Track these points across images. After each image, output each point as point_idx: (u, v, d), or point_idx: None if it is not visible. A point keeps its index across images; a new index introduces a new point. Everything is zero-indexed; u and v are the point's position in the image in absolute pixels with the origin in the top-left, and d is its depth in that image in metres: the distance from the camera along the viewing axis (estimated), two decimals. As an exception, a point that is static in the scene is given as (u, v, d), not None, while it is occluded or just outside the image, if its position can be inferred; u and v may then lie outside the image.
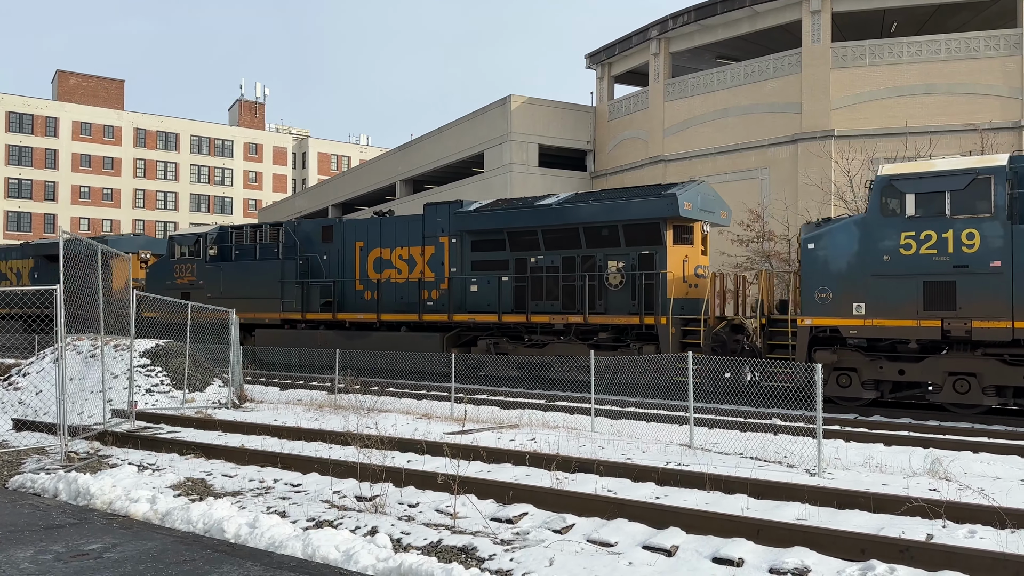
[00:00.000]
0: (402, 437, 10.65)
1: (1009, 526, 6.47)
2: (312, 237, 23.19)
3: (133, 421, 12.84)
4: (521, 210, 19.55)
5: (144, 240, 31.19)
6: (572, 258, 18.75)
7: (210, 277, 24.23)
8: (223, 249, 24.57)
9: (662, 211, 17.40)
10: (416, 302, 20.74)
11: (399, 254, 21.68)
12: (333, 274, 22.49)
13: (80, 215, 77.59)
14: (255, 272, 23.43)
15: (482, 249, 20.24)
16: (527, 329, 19.32)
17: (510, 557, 6.04)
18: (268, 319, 23.18)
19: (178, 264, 25.24)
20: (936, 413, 14.12)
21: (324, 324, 22.40)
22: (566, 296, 18.66)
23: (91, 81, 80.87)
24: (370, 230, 22.39)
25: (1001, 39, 27.16)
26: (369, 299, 21.79)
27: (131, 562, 5.78)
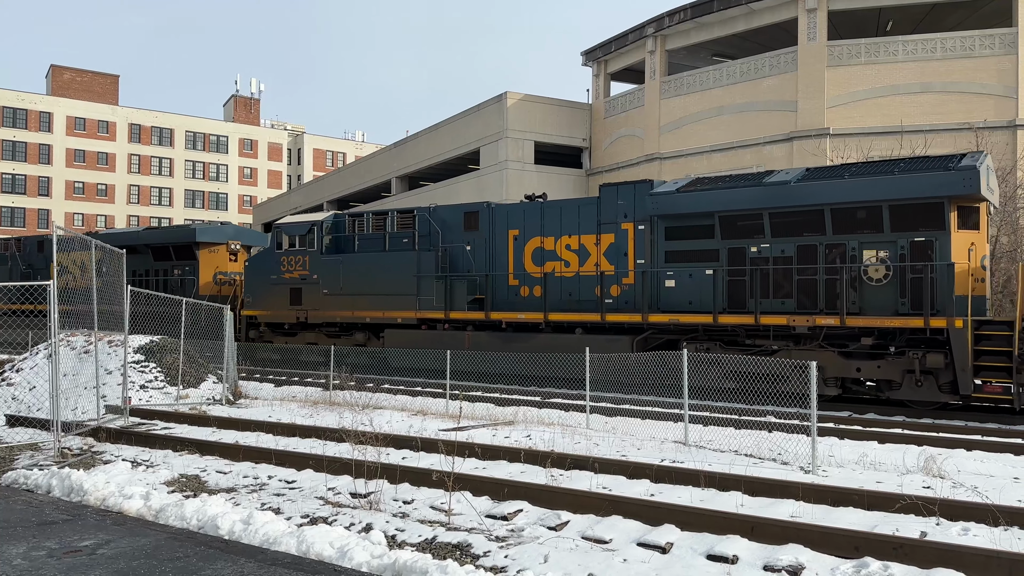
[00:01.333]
0: (397, 434, 10.63)
1: (1002, 523, 6.48)
2: (451, 225, 20.40)
3: (127, 417, 12.81)
4: (742, 189, 16.03)
5: (233, 230, 28.70)
6: (811, 247, 15.34)
7: (327, 271, 21.61)
8: (341, 239, 22.07)
9: (950, 188, 14.03)
10: (593, 299, 17.90)
11: (566, 244, 18.69)
12: (480, 267, 19.77)
13: (74, 211, 77.33)
14: (384, 265, 20.70)
15: (681, 237, 16.96)
16: (749, 332, 15.94)
17: (505, 554, 6.04)
18: (401, 318, 20.35)
19: (286, 256, 22.47)
20: (930, 412, 14.17)
21: (473, 324, 19.55)
22: (802, 293, 15.37)
23: (85, 76, 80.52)
24: (527, 217, 19.45)
25: (996, 38, 27.22)
26: (527, 296, 19.12)
27: (125, 558, 5.77)
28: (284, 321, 22.61)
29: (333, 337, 21.72)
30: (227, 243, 27.36)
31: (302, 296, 21.93)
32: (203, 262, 26.69)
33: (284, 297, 22.27)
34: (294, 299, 22.08)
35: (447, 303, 19.74)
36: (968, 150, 18.99)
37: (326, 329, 22.02)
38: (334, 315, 21.41)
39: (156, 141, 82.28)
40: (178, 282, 26.59)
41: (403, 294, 20.24)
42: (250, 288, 23.51)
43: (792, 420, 12.16)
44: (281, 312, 22.48)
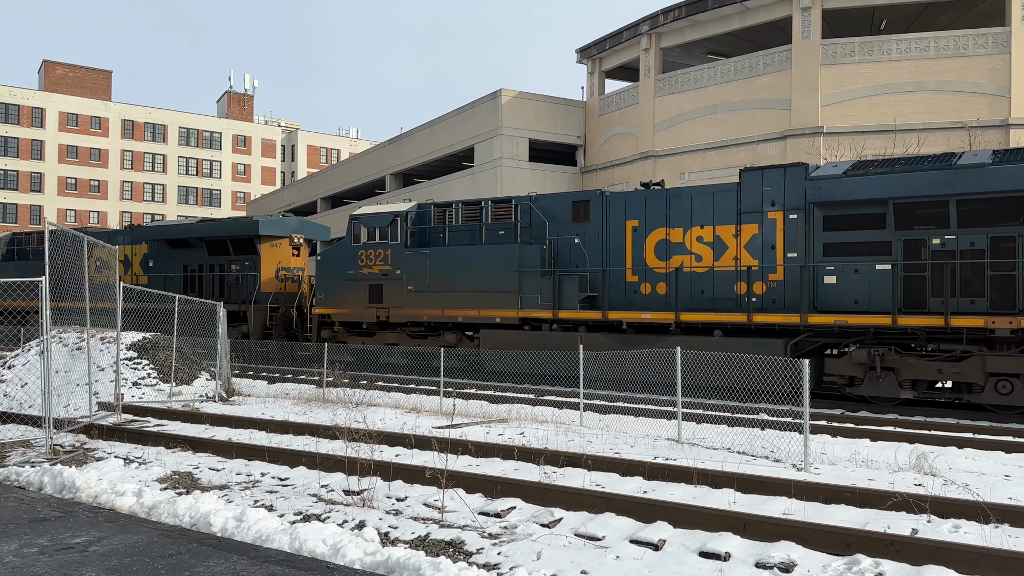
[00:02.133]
0: (390, 431, 10.62)
1: (993, 521, 6.52)
2: (557, 216, 18.65)
3: (119, 414, 12.77)
4: (925, 172, 14.17)
5: (296, 222, 26.52)
6: (1008, 238, 13.57)
7: (413, 266, 19.90)
8: (426, 231, 20.36)
9: None
10: (730, 298, 16.17)
11: (697, 235, 16.82)
12: (590, 262, 18.02)
13: (67, 207, 77.03)
14: (480, 259, 18.97)
15: (844, 227, 15.03)
16: (932, 336, 14.10)
17: (498, 551, 6.05)
18: (500, 317, 18.56)
19: (364, 250, 20.67)
20: (921, 409, 14.23)
21: (586, 325, 17.71)
22: (996, 291, 13.67)
23: (78, 72, 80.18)
24: (650, 206, 17.50)
25: (989, 37, 27.31)
26: (648, 294, 17.36)
27: (117, 555, 5.75)
28: (362, 320, 20.95)
29: (418, 338, 20.26)
30: (290, 236, 25.56)
31: (383, 293, 20.30)
32: (265, 257, 24.96)
33: (362, 294, 20.68)
34: (374, 296, 20.53)
35: (556, 301, 17.92)
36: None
37: (410, 329, 20.43)
38: (420, 314, 19.78)
39: (149, 137, 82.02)
40: (235, 278, 25.06)
41: (502, 291, 18.50)
42: (323, 285, 21.69)
43: (785, 418, 12.20)
44: (358, 310, 20.87)
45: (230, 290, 24.87)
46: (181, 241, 26.32)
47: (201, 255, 26.15)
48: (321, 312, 21.87)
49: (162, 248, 26.96)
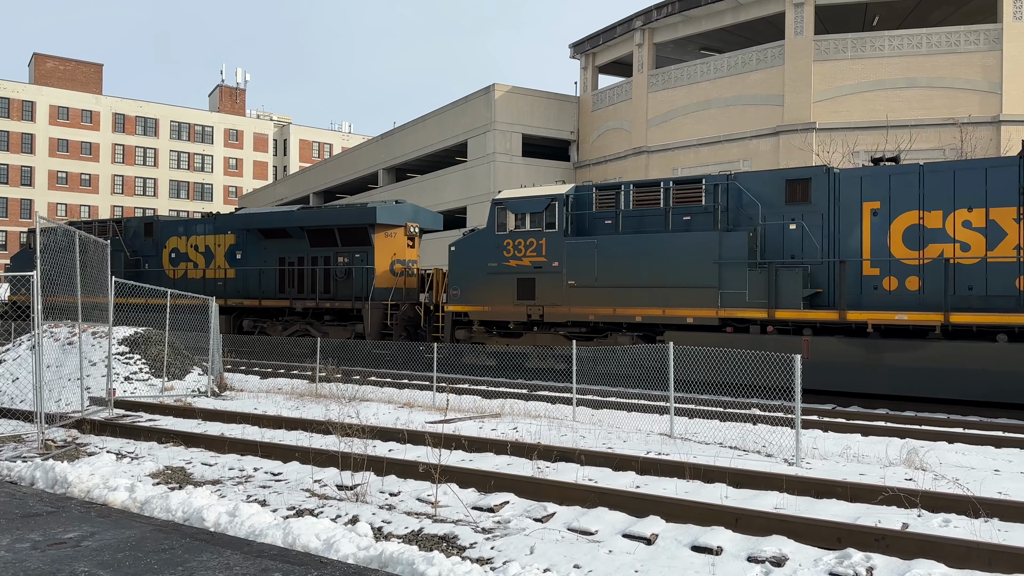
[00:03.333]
0: (384, 426, 10.63)
1: (983, 515, 6.57)
2: (765, 197, 15.84)
3: (111, 409, 12.73)
4: None
5: (411, 210, 23.76)
6: None
7: (575, 257, 17.23)
8: (588, 217, 17.68)
9: None
10: (1010, 295, 13.78)
11: (963, 220, 14.24)
12: (809, 251, 15.42)
13: (57, 200, 76.64)
14: (666, 249, 16.32)
15: None
16: None
17: (491, 545, 6.07)
18: (692, 317, 16.01)
19: (511, 240, 18.09)
20: (913, 404, 14.30)
21: (813, 327, 15.01)
22: None
23: (69, 65, 79.71)
24: (895, 184, 14.94)
25: (981, 34, 27.41)
26: (893, 290, 14.75)
27: (109, 550, 5.75)
28: (508, 319, 18.49)
29: (580, 340, 17.20)
30: (405, 225, 23.03)
31: (535, 288, 17.81)
32: (379, 248, 22.41)
33: (508, 290, 18.22)
34: (523, 292, 18.03)
35: (771, 298, 15.10)
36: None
37: (568, 329, 17.81)
38: (584, 312, 17.20)
39: (140, 131, 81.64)
40: (344, 272, 22.57)
41: (695, 286, 15.89)
42: (458, 279, 19.23)
43: (776, 413, 12.25)
44: (503, 308, 18.38)
45: (337, 285, 22.64)
46: (278, 231, 23.73)
47: (301, 246, 23.41)
48: (456, 310, 19.48)
49: (253, 238, 24.33)
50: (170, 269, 25.74)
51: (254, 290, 24.06)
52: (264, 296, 23.77)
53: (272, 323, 23.70)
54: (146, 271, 25.72)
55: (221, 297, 23.14)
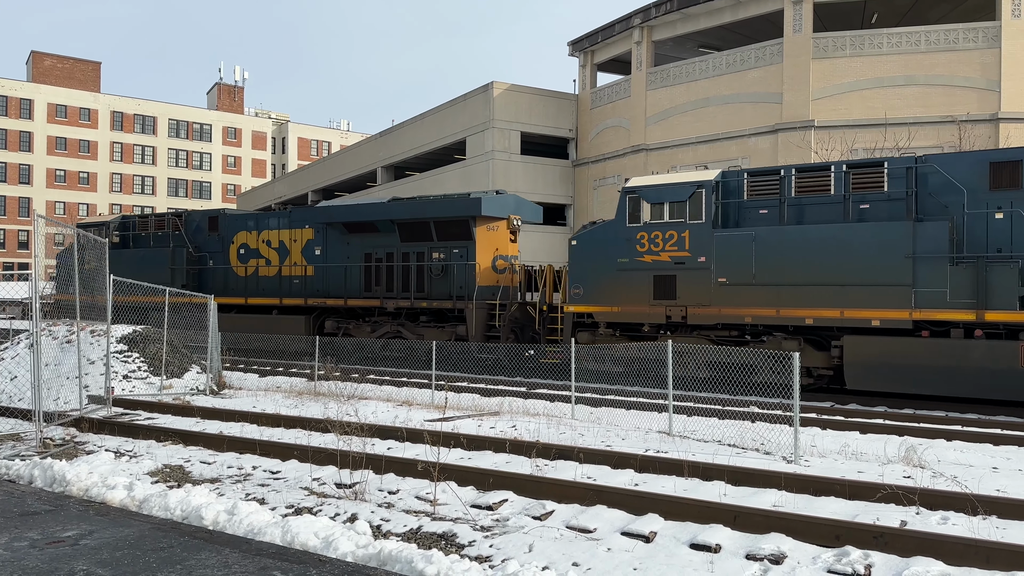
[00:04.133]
0: (382, 424, 10.63)
1: (981, 512, 6.58)
2: (962, 182, 13.87)
3: (110, 407, 12.72)
4: None
5: (514, 201, 21.81)
6: None
7: (727, 251, 15.37)
8: (738, 207, 15.87)
9: None
10: None
11: None
12: (1019, 243, 13.54)
13: (55, 199, 76.56)
14: (843, 242, 14.46)
15: None
16: None
17: (490, 543, 6.07)
18: (878, 320, 14.20)
19: (647, 232, 16.19)
20: (912, 402, 14.32)
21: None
22: None
23: (67, 63, 79.60)
24: None
25: (979, 31, 27.40)
26: None
27: (108, 549, 5.74)
28: (642, 321, 16.63)
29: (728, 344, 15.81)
30: (508, 218, 21.03)
31: (676, 287, 15.97)
32: (481, 242, 20.46)
33: (643, 288, 16.36)
34: (662, 291, 16.25)
35: (979, 298, 13.31)
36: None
37: (715, 333, 16.03)
38: (738, 314, 15.34)
39: (139, 129, 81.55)
40: (440, 269, 20.65)
41: (881, 284, 14.11)
42: (580, 275, 17.41)
43: (775, 411, 12.26)
44: (636, 308, 16.52)
45: (431, 284, 20.81)
46: (365, 224, 21.77)
47: (391, 241, 21.49)
48: (578, 311, 17.58)
49: (335, 233, 22.36)
50: (238, 266, 24.11)
51: (337, 289, 22.10)
52: (349, 295, 21.87)
53: (358, 324, 21.86)
54: (211, 269, 24.49)
55: (299, 296, 22.59)
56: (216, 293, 23.37)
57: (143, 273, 23.74)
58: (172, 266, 24.34)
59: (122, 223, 26.89)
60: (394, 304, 20.92)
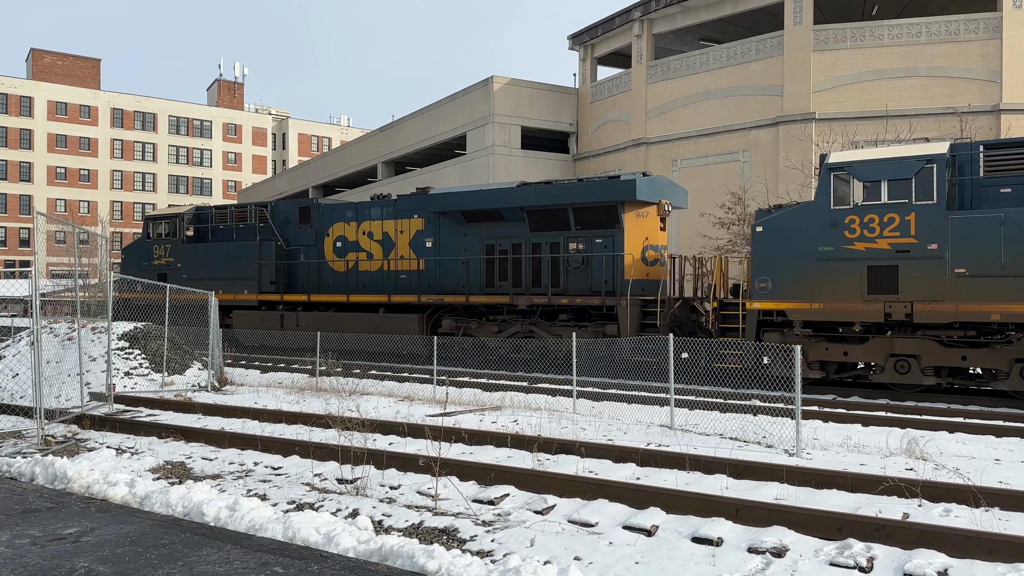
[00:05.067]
0: (384, 419, 10.63)
1: (983, 504, 6.56)
2: None
3: (111, 404, 12.73)
4: None
5: (664, 184, 19.43)
6: None
7: (966, 236, 13.16)
8: (971, 185, 13.76)
9: None
10: None
11: None
12: None
13: (56, 196, 76.53)
14: None
15: None
16: None
17: (491, 538, 6.06)
18: None
19: (858, 215, 13.98)
20: (914, 394, 14.30)
21: None
22: None
23: (66, 60, 79.50)
24: None
25: (980, 22, 27.30)
26: None
27: (109, 546, 5.74)
28: (852, 319, 14.35)
29: (963, 348, 13.63)
30: (659, 203, 18.65)
31: (897, 279, 13.78)
32: (630, 231, 18.10)
33: (852, 281, 14.17)
34: (878, 284, 14.06)
35: None
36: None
37: (948, 333, 13.75)
38: (984, 310, 13.06)
39: (139, 126, 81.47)
40: (580, 261, 18.35)
41: None
42: (768, 267, 15.11)
43: (777, 404, 12.25)
44: (845, 305, 14.26)
45: (568, 278, 18.51)
46: (487, 213, 19.38)
47: (518, 231, 19.15)
48: (766, 307, 15.30)
49: (450, 223, 20.18)
50: (335, 261, 22.06)
51: (453, 284, 20.01)
52: (470, 291, 19.61)
53: (481, 323, 19.55)
54: (303, 264, 22.58)
55: (410, 293, 20.37)
56: (309, 290, 22.16)
57: (226, 269, 22.98)
58: (259, 261, 22.63)
59: (197, 215, 25.17)
60: (526, 301, 18.47)
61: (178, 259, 24.40)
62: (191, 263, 24.04)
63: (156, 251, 25.04)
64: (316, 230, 22.59)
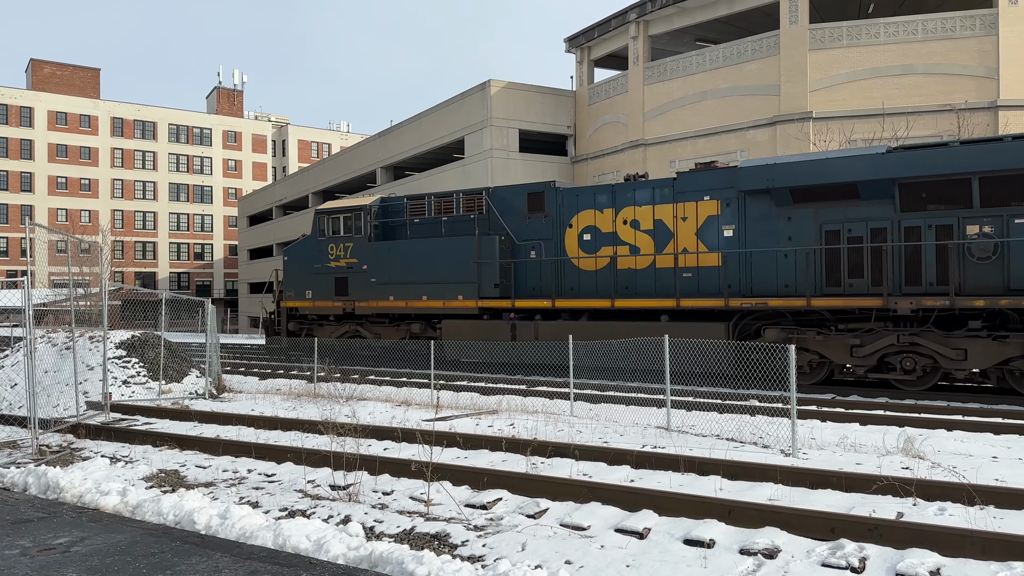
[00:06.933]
0: (378, 425, 10.60)
1: (978, 503, 6.52)
2: None
3: (108, 413, 12.71)
4: None
5: None
6: None
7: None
8: None
9: None
10: None
11: None
12: None
13: (57, 206, 76.64)
14: None
15: None
16: None
17: (483, 543, 6.03)
18: None
19: None
20: (914, 393, 14.24)
21: None
22: None
23: (66, 70, 79.64)
24: None
25: (977, 19, 27.25)
26: None
27: (99, 555, 5.72)
28: None
29: None
30: None
31: None
32: None
33: None
34: None
35: None
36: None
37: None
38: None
39: (139, 135, 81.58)
40: (990, 248, 13.80)
41: None
42: None
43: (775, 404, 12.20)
44: None
45: (967, 272, 13.94)
46: (832, 188, 15.01)
47: (879, 211, 14.73)
48: None
49: (763, 204, 15.92)
50: (581, 257, 18.19)
51: (767, 283, 15.80)
52: (800, 292, 15.18)
53: (824, 334, 14.93)
54: (534, 262, 18.75)
55: (700, 295, 16.31)
56: (543, 294, 18.17)
57: (431, 270, 19.31)
58: (478, 259, 18.84)
59: (384, 207, 21.57)
60: (912, 304, 13.83)
61: (363, 260, 20.79)
62: (381, 264, 20.49)
63: (332, 250, 21.41)
64: (553, 220, 18.73)
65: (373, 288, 19.73)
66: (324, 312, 21.50)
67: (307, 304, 21.69)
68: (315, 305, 21.52)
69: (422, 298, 18.75)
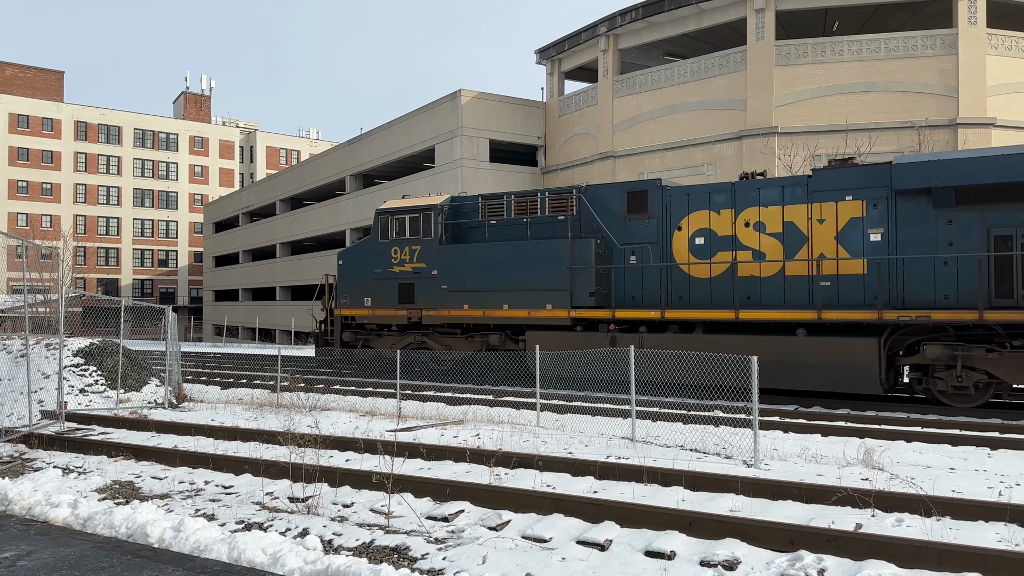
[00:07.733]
0: (340, 435, 10.46)
1: (935, 514, 6.59)
2: None
3: (63, 422, 12.41)
4: None
5: None
6: None
7: None
8: None
9: None
10: None
11: None
12: None
13: (18, 211, 75.04)
14: None
15: None
16: None
17: (443, 556, 5.95)
18: None
19: None
20: (874, 404, 14.43)
21: None
22: None
23: (29, 72, 78.17)
24: None
25: (938, 38, 27.89)
26: None
27: (46, 569, 5.56)
28: None
29: None
30: None
31: None
32: None
33: None
34: None
35: None
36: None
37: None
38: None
39: (103, 139, 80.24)
40: None
41: None
42: None
43: (739, 415, 12.26)
44: None
45: None
46: (1006, 189, 13.41)
47: None
48: None
49: (918, 205, 14.26)
50: (693, 264, 16.44)
51: (922, 294, 14.19)
52: (963, 304, 13.73)
53: (999, 352, 13.20)
54: (635, 268, 17.12)
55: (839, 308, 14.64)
56: (646, 303, 16.58)
57: (513, 277, 17.68)
58: (571, 265, 17.13)
59: (455, 207, 19.69)
60: None
61: (433, 264, 19.14)
62: (454, 269, 18.81)
63: (396, 254, 19.74)
64: (659, 222, 16.99)
65: (444, 295, 18.33)
66: (385, 321, 19.81)
67: (365, 312, 19.95)
68: (375, 313, 19.76)
69: (503, 307, 17.24)
